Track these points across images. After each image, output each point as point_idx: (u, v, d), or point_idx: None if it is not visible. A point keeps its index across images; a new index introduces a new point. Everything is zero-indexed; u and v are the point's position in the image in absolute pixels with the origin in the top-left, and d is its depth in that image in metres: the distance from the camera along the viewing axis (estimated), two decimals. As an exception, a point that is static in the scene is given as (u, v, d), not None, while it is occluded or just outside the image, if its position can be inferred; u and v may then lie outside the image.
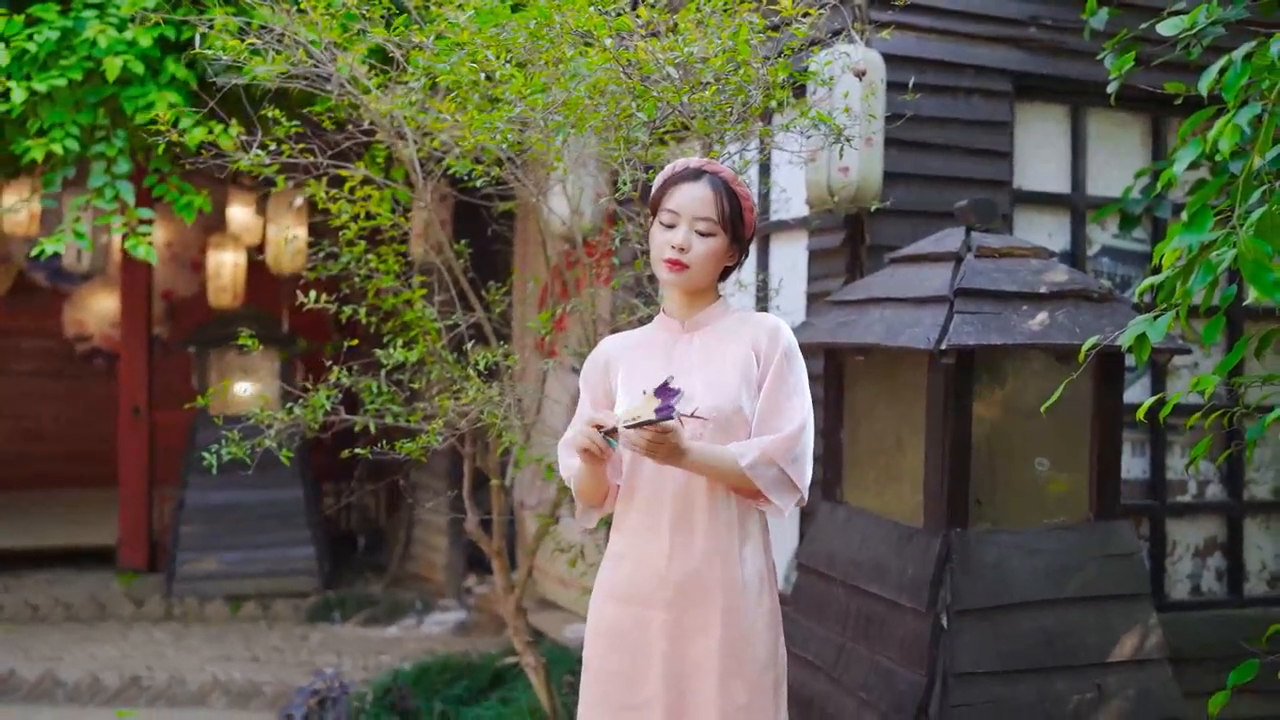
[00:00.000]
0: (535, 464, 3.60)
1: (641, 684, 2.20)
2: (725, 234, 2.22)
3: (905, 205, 3.71)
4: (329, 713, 3.74)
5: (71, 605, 6.30)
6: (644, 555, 2.23)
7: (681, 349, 2.28)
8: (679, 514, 2.20)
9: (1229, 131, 2.22)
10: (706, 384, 2.21)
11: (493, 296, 3.70)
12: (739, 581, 2.19)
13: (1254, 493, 4.36)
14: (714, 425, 2.18)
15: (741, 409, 2.20)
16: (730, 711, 2.16)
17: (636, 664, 2.21)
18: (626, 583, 2.25)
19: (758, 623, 2.20)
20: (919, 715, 2.75)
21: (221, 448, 3.32)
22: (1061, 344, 2.84)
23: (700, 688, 2.17)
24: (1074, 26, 3.90)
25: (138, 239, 4.61)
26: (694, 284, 2.25)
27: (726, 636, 2.17)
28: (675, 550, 2.20)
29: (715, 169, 2.25)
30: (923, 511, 2.95)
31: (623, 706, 2.22)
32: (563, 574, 5.65)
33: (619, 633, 2.24)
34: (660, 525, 2.22)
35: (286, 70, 3.31)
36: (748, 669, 2.18)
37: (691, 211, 2.20)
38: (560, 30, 2.66)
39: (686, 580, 2.19)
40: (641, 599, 2.22)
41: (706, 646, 2.17)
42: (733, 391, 2.20)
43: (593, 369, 2.36)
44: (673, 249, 2.19)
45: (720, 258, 2.24)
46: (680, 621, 2.19)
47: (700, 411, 2.16)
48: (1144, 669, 2.93)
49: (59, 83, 4.42)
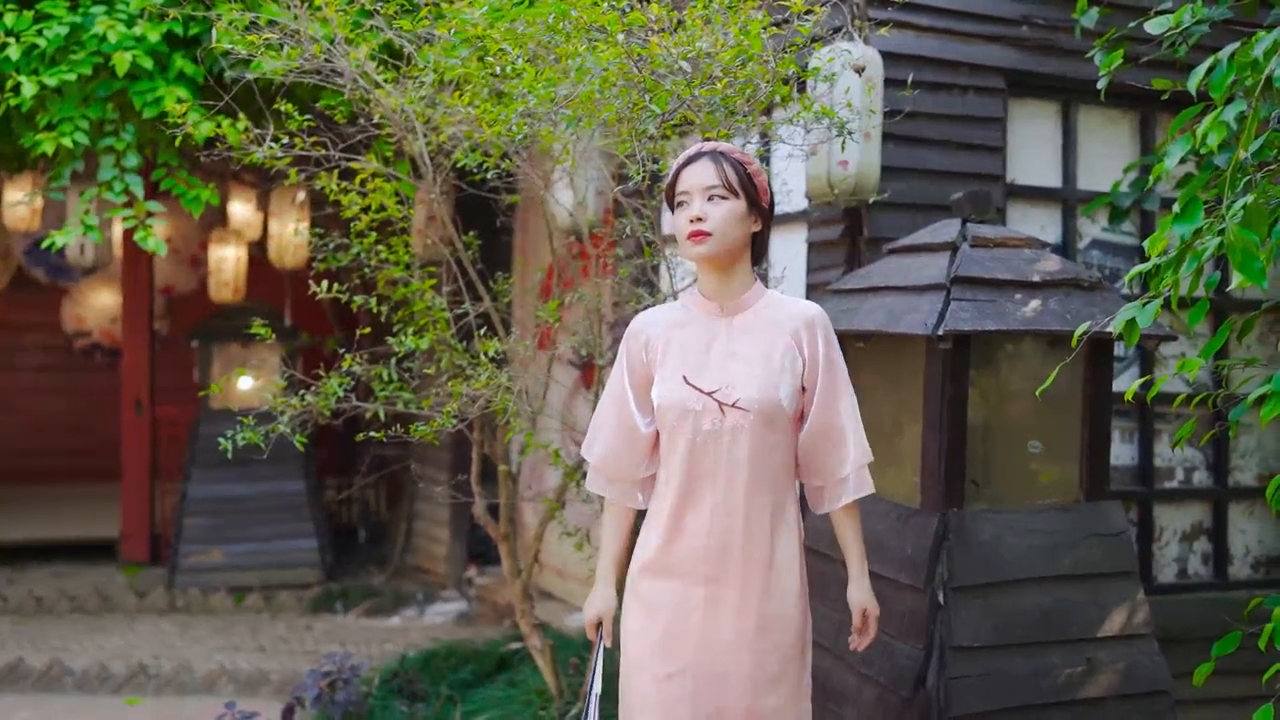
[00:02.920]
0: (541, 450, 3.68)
1: (677, 653, 2.30)
2: (738, 198, 2.29)
3: (902, 198, 3.81)
4: (339, 694, 3.82)
5: (76, 597, 6.37)
6: (685, 533, 2.32)
7: (722, 333, 2.34)
8: (720, 495, 2.29)
9: (1216, 127, 2.32)
10: (748, 375, 2.29)
11: (500, 287, 3.79)
12: (774, 562, 2.30)
13: (1238, 478, 4.47)
14: (754, 416, 2.26)
15: (781, 403, 2.28)
16: (762, 680, 2.28)
17: (673, 635, 2.31)
18: (667, 557, 2.34)
19: (789, 601, 2.32)
20: (917, 687, 2.86)
21: (236, 433, 3.41)
22: (1054, 330, 2.94)
23: (734, 661, 2.29)
24: (1065, 25, 4.01)
25: (146, 231, 4.69)
26: (721, 250, 2.29)
27: (761, 614, 2.29)
28: (715, 530, 2.29)
29: (713, 146, 2.35)
30: (920, 492, 3.05)
31: (657, 676, 2.31)
32: (561, 566, 5.75)
33: (659, 605, 2.33)
34: (702, 505, 2.30)
35: (299, 65, 3.40)
36: (781, 643, 2.31)
37: (699, 184, 2.29)
38: (574, 25, 2.75)
39: (726, 559, 2.29)
40: (682, 573, 2.32)
41: (741, 625, 2.29)
42: (774, 384, 2.28)
43: (633, 346, 2.41)
44: (691, 222, 2.28)
45: (740, 220, 2.30)
46: (718, 598, 2.30)
47: (741, 403, 2.25)
48: (1132, 643, 3.04)
49: (68, 77, 4.48)
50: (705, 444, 2.29)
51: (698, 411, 2.29)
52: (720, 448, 2.28)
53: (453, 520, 6.74)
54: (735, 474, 2.28)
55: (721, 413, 2.24)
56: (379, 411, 3.54)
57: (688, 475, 2.31)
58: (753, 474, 2.28)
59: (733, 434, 2.27)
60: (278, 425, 3.43)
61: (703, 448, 2.29)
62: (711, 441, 2.28)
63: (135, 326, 7.23)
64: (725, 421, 2.26)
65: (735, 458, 2.27)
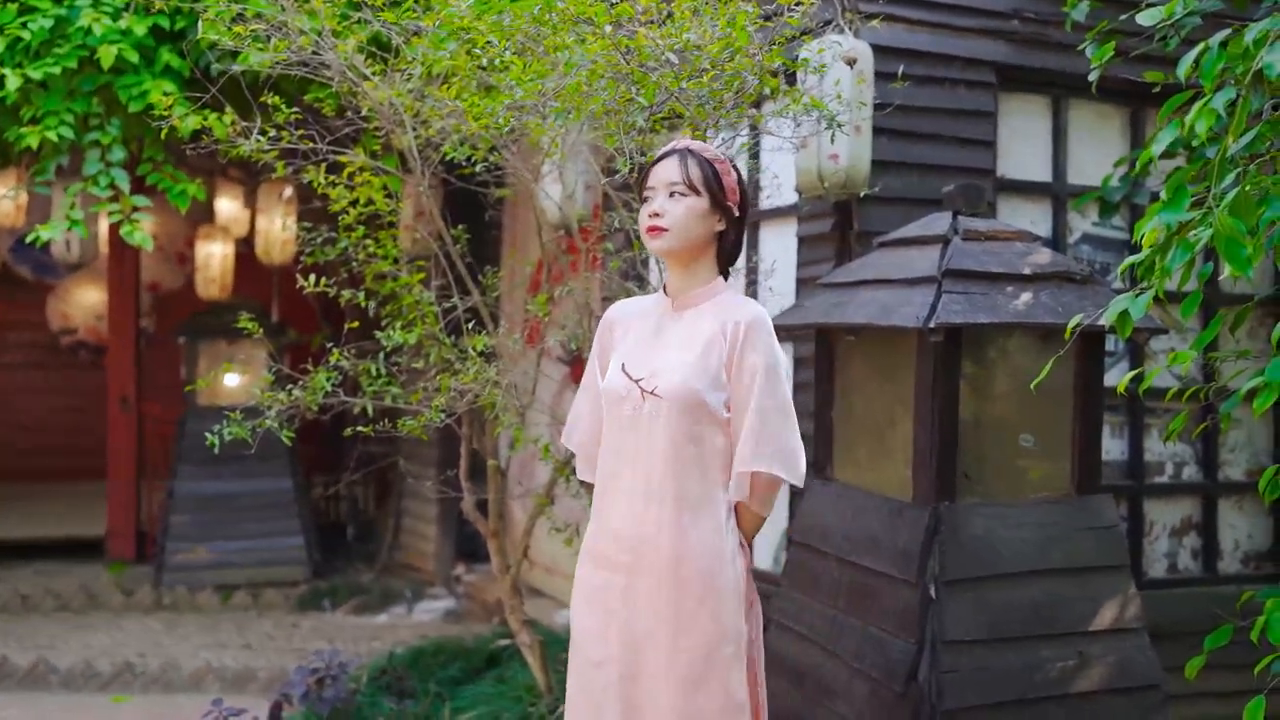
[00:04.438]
0: (531, 446, 3.66)
1: (603, 643, 2.30)
2: (700, 195, 2.29)
3: (893, 192, 3.80)
4: (327, 691, 3.79)
5: (62, 595, 6.32)
6: (606, 519, 2.33)
7: (670, 326, 2.35)
8: (637, 483, 2.28)
9: (1205, 115, 2.31)
10: (675, 365, 2.28)
11: (489, 281, 3.77)
12: (691, 555, 2.24)
13: (1228, 473, 4.48)
14: (670, 404, 2.25)
15: (700, 394, 2.25)
16: (682, 679, 2.22)
17: (601, 623, 2.31)
18: (594, 544, 2.36)
19: (708, 602, 2.23)
20: (909, 681, 2.84)
21: (223, 428, 3.38)
22: (1046, 323, 2.93)
23: (652, 655, 2.25)
24: (1056, 19, 4.00)
25: (132, 226, 4.65)
26: (678, 246, 2.30)
27: (678, 608, 2.23)
28: (631, 517, 2.28)
29: (685, 144, 2.35)
30: (912, 486, 3.04)
31: (589, 662, 2.32)
32: (551, 563, 5.73)
33: (590, 591, 2.35)
34: (619, 492, 2.31)
35: (285, 58, 3.37)
36: (699, 641, 2.22)
37: (664, 180, 2.30)
38: (561, 17, 2.73)
39: (640, 547, 2.26)
40: (605, 561, 2.32)
41: (657, 614, 2.24)
42: (696, 376, 2.25)
43: (603, 334, 2.46)
44: (650, 216, 2.29)
45: (700, 218, 2.29)
46: (632, 587, 2.27)
47: (659, 390, 2.25)
48: (1123, 637, 3.03)
49: (53, 71, 4.45)
50: (625, 430, 2.30)
51: (622, 397, 2.31)
52: (639, 434, 2.28)
53: (441, 517, 6.71)
54: (652, 462, 2.26)
55: (642, 399, 2.23)
56: (367, 407, 3.51)
57: (612, 461, 2.33)
58: (669, 463, 2.25)
59: (650, 421, 2.26)
60: (264, 420, 3.40)
61: (623, 434, 2.30)
62: (631, 427, 2.29)
63: (121, 323, 7.18)
64: (644, 408, 2.26)
65: (652, 445, 2.26)
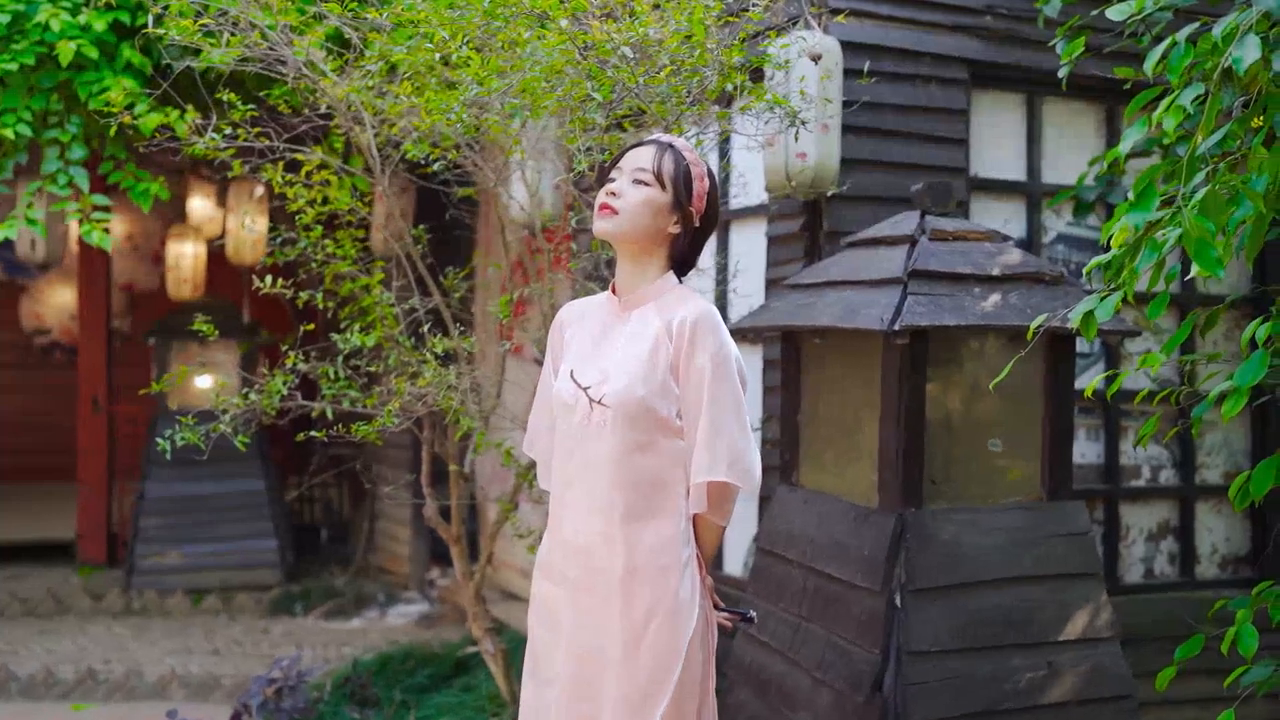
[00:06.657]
0: (497, 449, 3.59)
1: (553, 658, 2.23)
2: (664, 190, 2.19)
3: (863, 191, 3.73)
4: (286, 701, 3.71)
5: (28, 600, 6.21)
6: (559, 530, 2.26)
7: (616, 327, 2.26)
8: (583, 496, 2.21)
9: (1173, 112, 2.26)
10: (619, 371, 2.18)
11: (450, 282, 3.69)
12: (637, 569, 2.15)
13: (1205, 476, 4.42)
14: (616, 413, 2.15)
15: (645, 402, 2.15)
16: (629, 694, 2.13)
17: (551, 638, 2.25)
18: (547, 556, 2.30)
19: (660, 611, 2.14)
20: (874, 693, 2.78)
21: (176, 433, 3.31)
22: (1014, 325, 2.87)
23: (600, 669, 2.17)
24: (1029, 15, 3.94)
25: (92, 225, 4.56)
26: (626, 232, 2.20)
27: (624, 622, 2.14)
28: (576, 531, 2.21)
29: (669, 139, 2.27)
30: (878, 491, 2.98)
31: (540, 679, 2.26)
32: (524, 565, 5.65)
33: (541, 604, 2.30)
34: (570, 504, 2.24)
35: (242, 54, 3.29)
36: (646, 656, 2.13)
37: (632, 165, 2.22)
38: (516, 11, 2.65)
39: (589, 561, 2.19)
40: (555, 575, 2.26)
41: (604, 629, 2.16)
42: (640, 382, 2.15)
43: (554, 337, 2.39)
44: (606, 195, 2.20)
45: (657, 212, 2.19)
46: (579, 601, 2.20)
47: (605, 399, 2.16)
48: (1095, 646, 2.97)
49: (10, 67, 4.36)
50: (576, 438, 2.22)
51: (571, 406, 2.22)
52: (589, 443, 2.19)
53: (415, 520, 6.62)
54: (600, 472, 2.18)
55: (590, 408, 2.16)
56: (326, 410, 3.43)
57: (563, 472, 2.26)
58: (617, 474, 2.16)
59: (598, 430, 2.18)
60: (218, 425, 3.32)
61: (573, 444, 2.22)
62: (580, 436, 2.20)
63: (91, 324, 7.07)
64: (592, 417, 2.18)
65: (600, 455, 2.18)
